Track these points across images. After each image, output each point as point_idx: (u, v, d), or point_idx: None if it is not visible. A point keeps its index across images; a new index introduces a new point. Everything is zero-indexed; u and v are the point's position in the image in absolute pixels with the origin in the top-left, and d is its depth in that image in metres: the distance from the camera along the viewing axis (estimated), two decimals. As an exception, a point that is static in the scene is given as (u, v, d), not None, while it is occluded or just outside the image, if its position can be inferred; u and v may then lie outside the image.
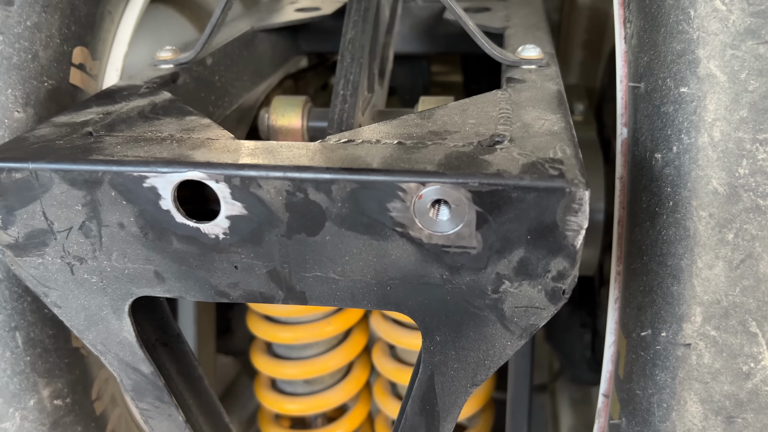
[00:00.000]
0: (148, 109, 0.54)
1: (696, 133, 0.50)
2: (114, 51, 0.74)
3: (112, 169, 0.44)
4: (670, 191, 0.51)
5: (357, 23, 0.71)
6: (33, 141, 0.48)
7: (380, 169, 0.41)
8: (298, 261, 0.45)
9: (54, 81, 0.64)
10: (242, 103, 0.78)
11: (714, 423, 0.51)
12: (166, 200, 0.44)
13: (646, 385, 0.54)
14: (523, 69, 0.60)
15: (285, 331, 0.86)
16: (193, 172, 0.43)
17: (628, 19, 0.60)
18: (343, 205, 0.42)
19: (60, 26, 0.64)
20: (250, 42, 0.82)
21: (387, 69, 0.83)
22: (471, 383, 0.48)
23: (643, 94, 0.55)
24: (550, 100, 0.52)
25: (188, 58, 0.65)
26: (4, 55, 0.60)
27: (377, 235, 0.43)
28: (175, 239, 0.45)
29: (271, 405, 0.92)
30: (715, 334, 0.50)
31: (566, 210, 0.40)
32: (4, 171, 0.45)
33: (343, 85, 0.67)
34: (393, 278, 0.45)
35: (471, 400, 0.89)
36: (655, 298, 0.53)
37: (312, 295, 0.47)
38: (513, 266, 0.42)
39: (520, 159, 0.42)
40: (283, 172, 0.42)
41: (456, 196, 0.40)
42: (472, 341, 0.46)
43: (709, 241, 0.49)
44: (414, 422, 0.51)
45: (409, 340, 0.85)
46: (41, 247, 0.48)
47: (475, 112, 0.50)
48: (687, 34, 0.51)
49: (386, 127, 0.49)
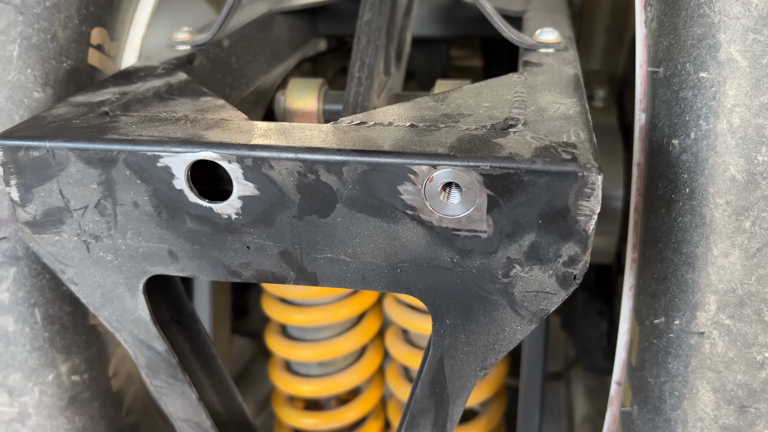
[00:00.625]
0: (164, 89, 0.55)
1: (715, 118, 0.49)
2: (132, 32, 0.74)
3: (127, 149, 0.44)
4: (687, 178, 0.50)
5: (374, 5, 0.71)
6: (50, 120, 0.49)
7: (391, 152, 0.41)
8: (309, 242, 0.45)
9: (73, 61, 0.64)
10: (259, 85, 0.78)
11: (726, 412, 0.51)
12: (179, 180, 0.44)
13: (659, 373, 0.54)
14: (540, 52, 0.59)
15: (300, 313, 0.86)
16: (206, 152, 0.43)
17: (649, 2, 0.59)
18: (354, 187, 0.42)
19: (79, 6, 0.65)
20: (268, 24, 0.82)
21: (404, 52, 0.82)
22: (480, 367, 0.48)
23: (662, 79, 0.54)
24: (567, 84, 0.52)
25: (205, 40, 0.66)
26: (23, 35, 0.61)
27: (388, 218, 0.43)
28: (189, 219, 0.46)
29: (285, 386, 0.93)
30: (730, 322, 0.49)
31: (578, 194, 0.39)
32: (21, 149, 0.46)
33: (358, 67, 0.67)
34: (403, 261, 0.45)
35: (483, 386, 0.89)
36: (669, 285, 0.52)
37: (323, 276, 0.47)
38: (524, 251, 0.42)
39: (533, 143, 0.42)
40: (295, 153, 0.42)
41: (467, 179, 0.40)
42: (482, 325, 0.46)
43: (726, 228, 0.48)
44: (423, 405, 0.51)
45: (421, 324, 0.85)
46: (58, 225, 0.49)
47: (489, 95, 0.50)
48: (708, 18, 0.50)
49: (399, 110, 0.48)
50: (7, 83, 0.60)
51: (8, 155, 0.46)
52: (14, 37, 0.60)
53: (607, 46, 1.26)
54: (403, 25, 0.81)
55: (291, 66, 0.87)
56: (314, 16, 0.95)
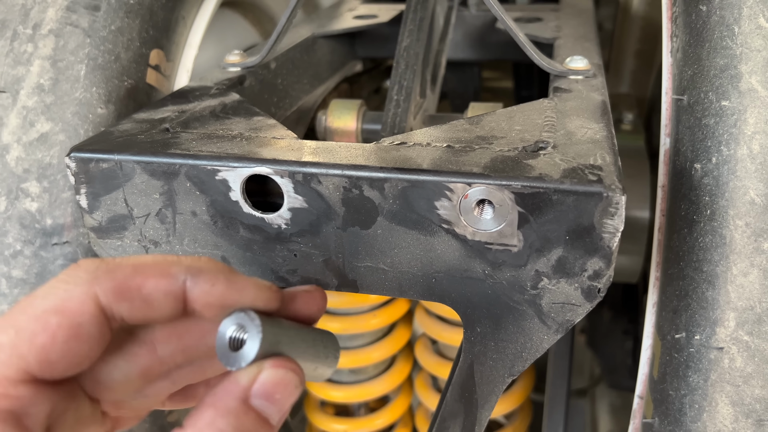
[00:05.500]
0: (218, 108, 0.59)
1: (735, 145, 0.52)
2: (185, 53, 0.79)
3: (189, 163, 0.49)
4: (708, 200, 0.53)
5: (412, 32, 0.75)
6: (117, 135, 0.54)
7: (430, 170, 0.45)
8: (352, 251, 0.49)
9: (133, 80, 0.69)
10: (301, 105, 0.82)
11: (744, 425, 0.53)
12: (235, 192, 0.48)
13: (679, 386, 0.56)
14: (570, 79, 0.63)
15: (334, 322, 0.90)
16: (261, 168, 0.47)
17: (674, 33, 0.62)
18: (394, 202, 0.46)
19: (140, 30, 0.70)
20: (311, 47, 0.86)
21: (439, 75, 0.86)
22: (509, 373, 0.51)
23: (686, 106, 0.57)
24: (594, 109, 0.55)
25: (255, 62, 0.70)
26: (90, 56, 0.66)
27: (425, 231, 0.47)
28: (242, 228, 0.50)
29: (318, 392, 0.97)
30: (748, 339, 0.52)
31: (603, 213, 0.42)
32: (92, 161, 0.51)
33: (397, 90, 0.71)
34: (438, 271, 0.48)
35: (508, 398, 0.92)
36: (690, 302, 0.55)
37: (363, 283, 0.50)
38: (551, 264, 0.45)
39: (562, 164, 0.45)
40: (341, 170, 0.46)
41: (500, 196, 0.44)
42: (511, 334, 0.49)
43: (745, 249, 0.51)
44: (453, 408, 0.54)
45: (450, 335, 0.88)
46: (121, 231, 0.53)
47: (521, 119, 0.53)
48: (730, 50, 0.53)
49: (436, 131, 0.52)
50: (75, 100, 0.65)
51: (80, 166, 0.51)
52: (82, 57, 0.66)
53: (636, 69, 1.29)
54: (438, 49, 0.85)
55: (331, 87, 0.92)
56: (353, 39, 1.00)
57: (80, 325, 0.31)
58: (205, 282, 0.35)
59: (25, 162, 0.63)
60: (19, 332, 0.30)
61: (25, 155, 0.64)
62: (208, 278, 0.36)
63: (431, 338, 0.94)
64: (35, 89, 0.65)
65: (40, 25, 0.67)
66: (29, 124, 0.64)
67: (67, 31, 0.66)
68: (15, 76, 0.65)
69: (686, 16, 0.59)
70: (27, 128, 0.64)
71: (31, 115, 0.64)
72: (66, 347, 0.31)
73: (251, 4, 1.22)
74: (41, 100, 0.64)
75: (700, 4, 0.57)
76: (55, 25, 0.66)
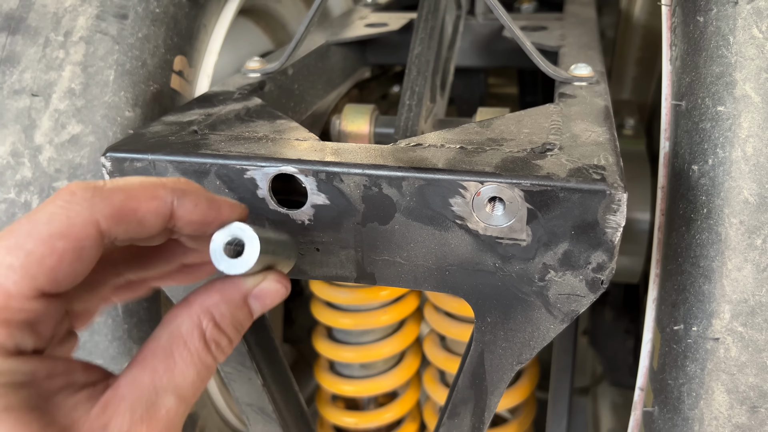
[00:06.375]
0: (243, 112, 0.63)
1: (730, 147, 0.55)
2: (206, 59, 0.83)
3: (219, 162, 0.52)
4: (705, 200, 0.56)
5: (423, 40, 0.79)
6: (149, 136, 0.57)
7: (445, 169, 0.48)
8: (370, 246, 0.52)
9: (158, 85, 0.73)
10: (315, 109, 0.86)
11: (739, 412, 0.56)
12: (262, 190, 0.52)
13: (678, 376, 0.59)
14: (574, 85, 0.66)
15: (346, 318, 0.93)
16: (287, 167, 0.50)
17: (674, 42, 0.65)
18: (411, 199, 0.49)
19: (165, 38, 0.74)
20: (325, 54, 0.90)
21: (448, 81, 0.90)
22: (517, 361, 0.54)
23: (684, 111, 0.60)
24: (598, 114, 0.58)
25: (274, 68, 0.74)
26: (118, 62, 0.70)
27: (439, 226, 0.50)
28: (268, 223, 0.53)
29: (329, 386, 1.00)
30: (742, 330, 0.55)
31: (606, 210, 0.46)
32: (127, 160, 0.54)
33: (409, 95, 0.74)
34: (451, 264, 0.51)
35: (514, 393, 0.95)
36: (688, 296, 0.58)
37: (380, 276, 0.54)
38: (558, 258, 0.49)
39: (568, 164, 0.48)
40: (362, 170, 0.49)
41: (510, 194, 0.47)
42: (519, 323, 0.52)
43: (739, 245, 0.54)
44: (465, 395, 0.58)
45: (458, 331, 0.91)
46: (152, 227, 0.57)
47: (529, 123, 0.57)
48: (726, 59, 0.56)
49: (449, 134, 0.56)
50: (104, 103, 0.68)
51: (115, 165, 0.55)
52: (111, 63, 0.69)
53: (637, 76, 1.32)
54: (447, 57, 0.88)
55: (343, 92, 0.95)
56: (364, 46, 1.04)
57: (83, 248, 0.36)
58: (190, 202, 0.40)
59: (56, 162, 0.67)
60: (29, 255, 0.34)
61: (57, 156, 0.67)
62: (191, 199, 0.40)
63: (440, 334, 0.98)
64: (67, 93, 0.68)
65: (71, 32, 0.70)
66: (61, 126, 0.68)
67: (97, 38, 0.70)
68: (47, 80, 0.69)
69: (685, 26, 0.62)
70: (59, 130, 0.68)
71: (62, 118, 0.68)
72: (71, 268, 0.35)
73: (264, 12, 1.26)
74: (72, 103, 0.68)
75: (698, 15, 0.60)
76: (86, 33, 0.70)
